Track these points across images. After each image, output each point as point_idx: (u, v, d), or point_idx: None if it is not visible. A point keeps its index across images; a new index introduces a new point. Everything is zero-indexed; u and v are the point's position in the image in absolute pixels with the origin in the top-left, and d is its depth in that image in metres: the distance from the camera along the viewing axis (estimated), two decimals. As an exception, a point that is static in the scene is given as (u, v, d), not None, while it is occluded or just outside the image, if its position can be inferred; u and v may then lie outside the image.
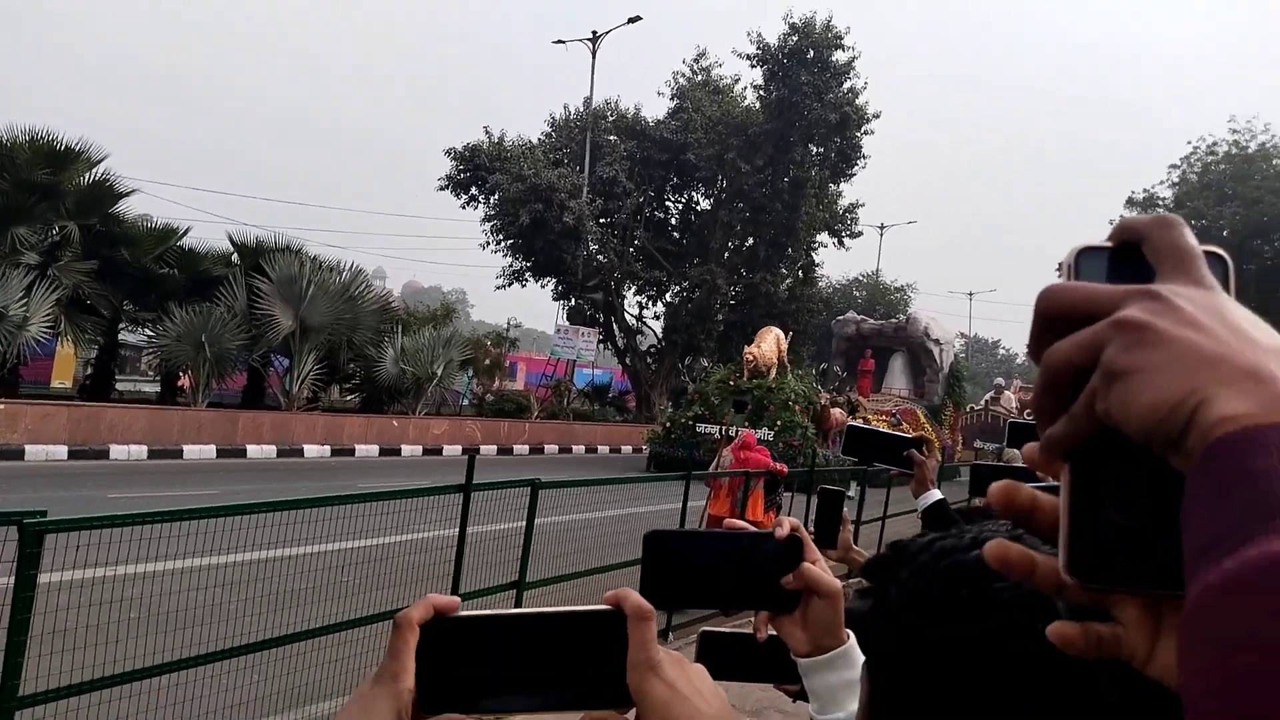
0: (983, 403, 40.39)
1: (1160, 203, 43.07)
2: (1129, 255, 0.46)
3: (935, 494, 2.93)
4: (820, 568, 1.03)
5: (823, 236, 38.96)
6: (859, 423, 4.44)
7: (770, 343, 24.97)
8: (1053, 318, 0.45)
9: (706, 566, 1.00)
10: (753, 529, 1.04)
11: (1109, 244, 0.47)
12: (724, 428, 22.43)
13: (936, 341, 32.62)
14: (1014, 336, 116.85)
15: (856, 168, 36.63)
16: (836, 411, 24.52)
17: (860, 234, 40.24)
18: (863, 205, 39.37)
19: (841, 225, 38.88)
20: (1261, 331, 0.42)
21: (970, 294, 72.96)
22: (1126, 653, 0.44)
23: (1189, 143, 44.01)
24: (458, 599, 0.67)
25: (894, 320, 36.26)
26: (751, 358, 24.51)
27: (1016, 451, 2.43)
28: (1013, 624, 0.78)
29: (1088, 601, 0.45)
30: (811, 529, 2.64)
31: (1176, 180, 43.25)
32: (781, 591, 1.01)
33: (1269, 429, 0.38)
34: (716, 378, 25.77)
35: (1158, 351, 0.41)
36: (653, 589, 0.99)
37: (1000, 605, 0.78)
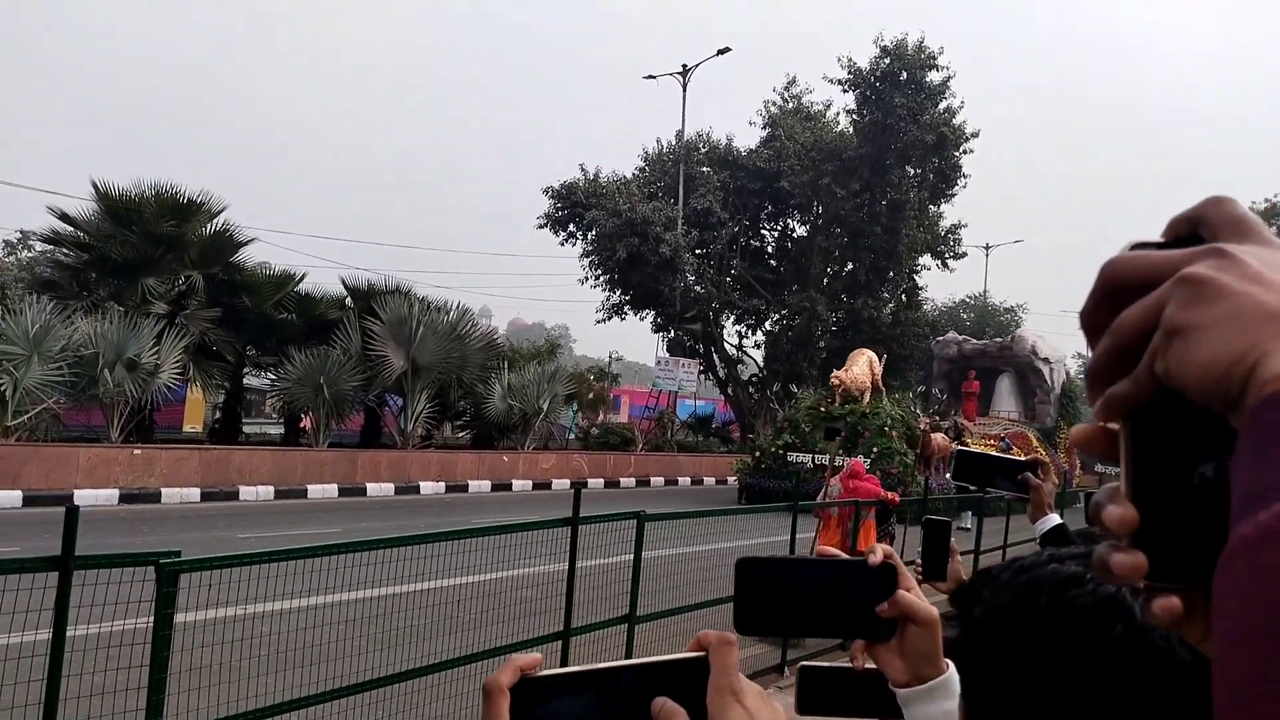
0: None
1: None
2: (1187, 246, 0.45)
3: (1054, 518, 2.82)
4: (916, 594, 1.03)
5: (925, 259, 38.16)
6: (968, 447, 4.34)
7: (862, 365, 23.78)
8: (1117, 287, 0.44)
9: (800, 594, 0.99)
10: (845, 556, 1.04)
11: (1163, 239, 0.46)
12: (817, 456, 21.71)
13: (1046, 360, 31.23)
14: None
15: (957, 188, 35.90)
16: (938, 437, 23.24)
17: (964, 255, 39.21)
18: (965, 225, 38.45)
19: (944, 246, 38.01)
20: None
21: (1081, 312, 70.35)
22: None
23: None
24: (539, 656, 0.68)
25: (998, 340, 34.95)
26: (839, 381, 23.25)
27: None
28: (1089, 631, 0.79)
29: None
30: (919, 561, 2.59)
31: None
32: (878, 620, 1.00)
33: None
34: (807, 404, 24.81)
35: (1218, 306, 0.39)
36: (746, 617, 0.99)
37: (1076, 613, 0.79)
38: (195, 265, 21.22)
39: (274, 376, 23.00)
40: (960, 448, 3.23)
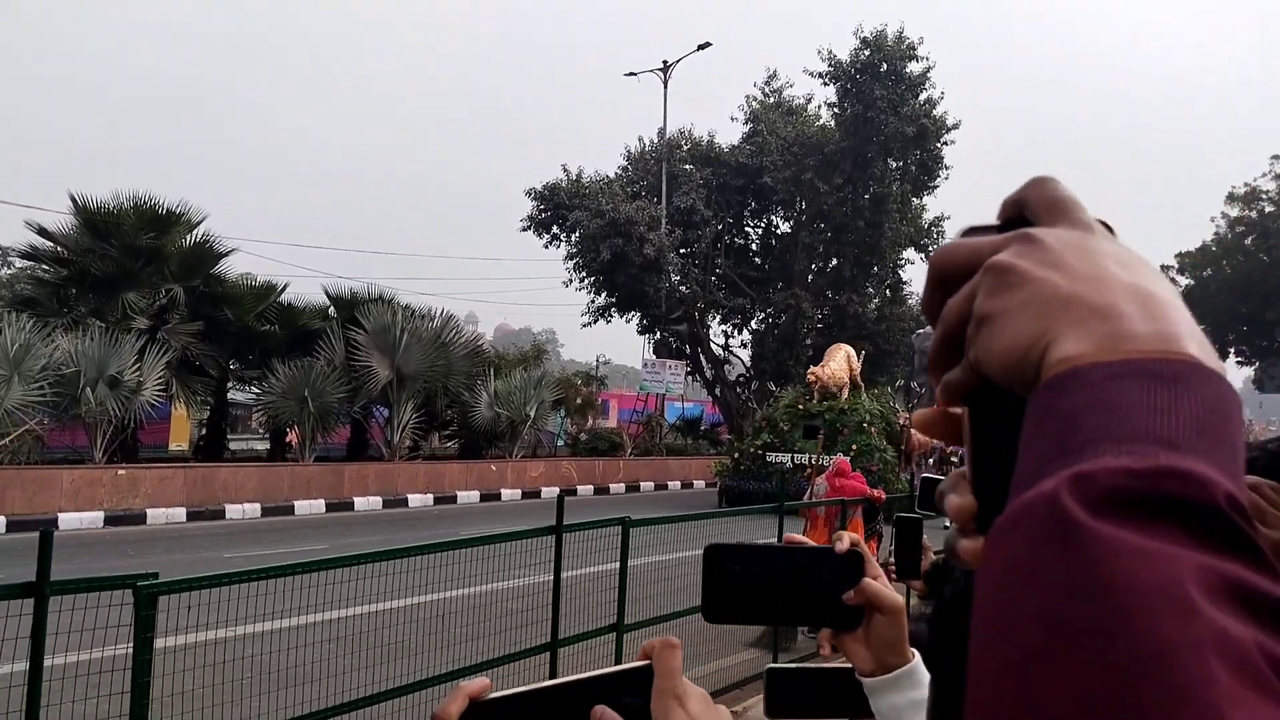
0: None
1: (1264, 195, 41.24)
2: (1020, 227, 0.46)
3: None
4: (882, 583, 1.02)
5: (909, 253, 38.18)
6: (933, 475, 4.31)
7: (839, 361, 23.27)
8: (945, 276, 0.45)
9: (767, 582, 1.00)
10: (812, 544, 1.04)
11: (996, 222, 0.47)
12: (796, 455, 21.54)
13: None
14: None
15: (939, 180, 35.97)
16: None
17: (949, 249, 39.46)
18: (949, 218, 38.58)
19: (928, 239, 38.05)
20: (1127, 269, 0.41)
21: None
22: None
23: (1291, 132, 42.03)
24: (487, 680, 0.68)
25: None
26: (815, 378, 22.78)
27: None
28: None
29: None
30: (893, 561, 2.57)
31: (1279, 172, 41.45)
32: (844, 608, 1.01)
33: (1095, 366, 0.38)
34: (785, 402, 24.29)
35: (1018, 293, 0.41)
36: (714, 604, 1.00)
37: None
38: (176, 278, 21.00)
39: (258, 390, 22.79)
40: (926, 475, 3.21)
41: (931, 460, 23.05)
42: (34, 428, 17.16)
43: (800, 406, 22.93)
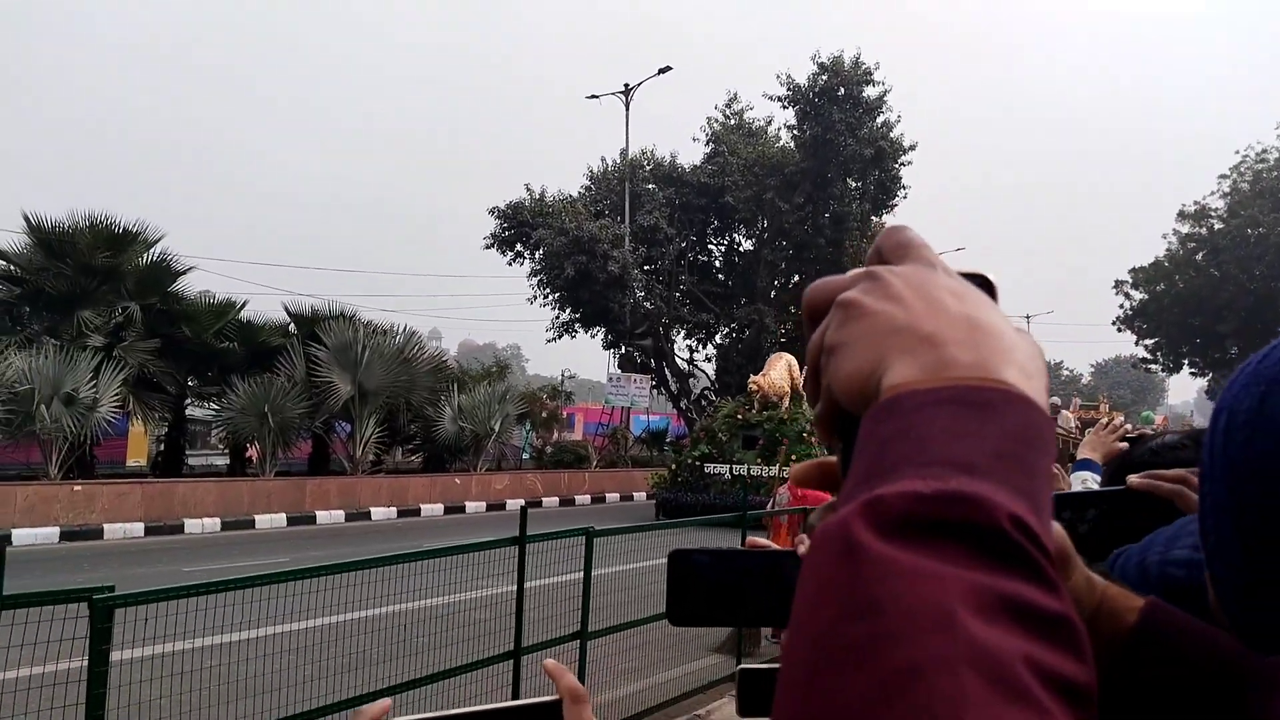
0: (1038, 425, 39.13)
1: (1213, 213, 42.22)
2: None
3: None
4: None
5: (869, 269, 38.80)
6: None
7: (780, 370, 22.65)
8: (811, 312, 0.49)
9: (732, 585, 1.00)
10: (776, 547, 1.05)
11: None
12: (734, 467, 21.44)
13: None
14: (1076, 357, 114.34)
15: (897, 199, 36.46)
16: None
17: (908, 264, 40.00)
18: None
19: (889, 256, 38.70)
20: (960, 300, 0.43)
21: (1027, 317, 71.66)
22: None
23: (1237, 152, 43.14)
24: (388, 702, 0.69)
25: None
26: (756, 387, 22.16)
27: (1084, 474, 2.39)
28: None
29: None
30: None
31: (1228, 190, 42.44)
32: None
33: (911, 394, 0.39)
34: (724, 412, 23.54)
35: (860, 325, 0.43)
36: (678, 607, 1.00)
37: None
38: (132, 296, 20.77)
39: (217, 407, 22.54)
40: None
41: None
42: (-14, 444, 16.85)
43: (739, 416, 22.46)
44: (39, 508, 15.93)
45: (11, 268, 20.16)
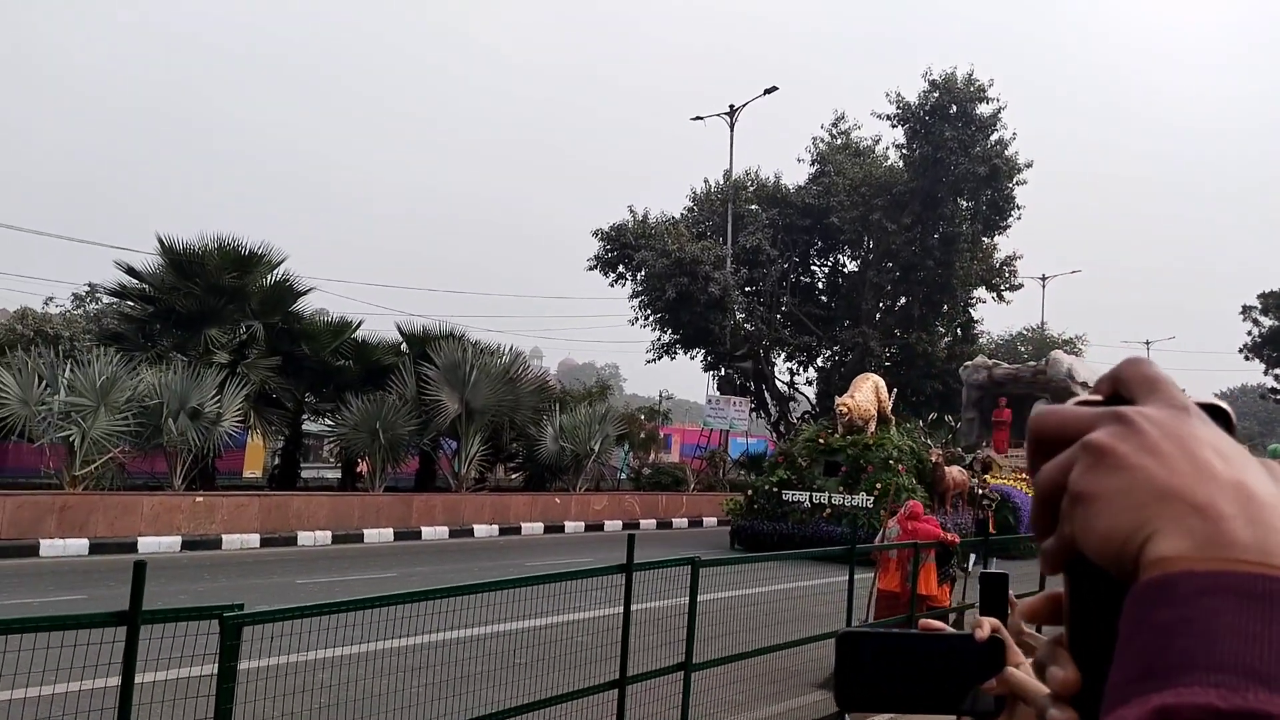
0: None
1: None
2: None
3: None
4: (1025, 671, 1.01)
5: (980, 291, 37.54)
6: (993, 571, 4.06)
7: (867, 391, 21.37)
8: (1041, 440, 0.46)
9: (903, 668, 0.97)
10: (952, 630, 1.01)
11: (1098, 396, 0.48)
12: (815, 494, 20.22)
13: (1084, 384, 27.50)
14: (1197, 385, 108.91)
15: (1011, 219, 35.35)
16: (954, 470, 20.89)
17: (1020, 286, 38.47)
18: (1020, 257, 37.91)
19: (999, 279, 37.38)
20: (1226, 461, 0.41)
21: (1147, 343, 68.23)
22: None
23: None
24: None
25: (1032, 364, 32.29)
26: (845, 410, 20.71)
27: None
28: None
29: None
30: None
31: None
32: (984, 697, 0.97)
33: (1191, 576, 0.37)
34: (805, 436, 22.29)
35: (1115, 478, 0.41)
36: (848, 691, 0.96)
37: None
38: (256, 315, 21.78)
39: (331, 422, 23.41)
40: (986, 572, 3.01)
41: (965, 499, 21.84)
42: (118, 455, 17.78)
43: (821, 440, 21.22)
44: (163, 517, 16.70)
45: (145, 287, 21.37)
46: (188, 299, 20.69)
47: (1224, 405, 0.47)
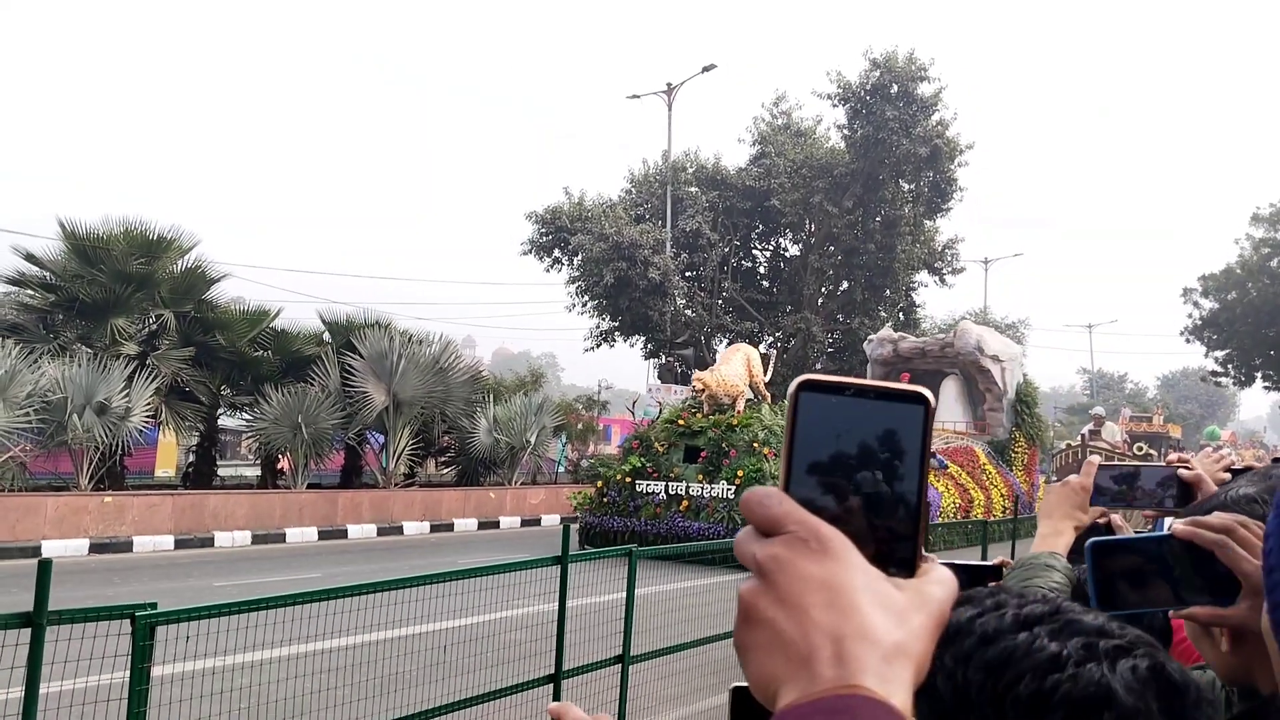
0: (1079, 437, 34.02)
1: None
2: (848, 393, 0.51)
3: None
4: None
5: (922, 275, 37.67)
6: None
7: (735, 364, 18.59)
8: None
9: (1157, 565, 1.06)
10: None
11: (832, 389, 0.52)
12: (672, 485, 17.61)
13: (995, 358, 25.78)
14: (1141, 369, 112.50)
15: (952, 201, 35.51)
16: None
17: (963, 270, 38.53)
18: (963, 240, 38.11)
19: (941, 262, 37.50)
20: (829, 607, 0.47)
21: (1089, 326, 69.36)
22: None
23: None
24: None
25: (940, 336, 29.78)
26: (701, 384, 18.09)
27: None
28: None
29: None
30: None
31: None
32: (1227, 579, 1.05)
33: (790, 710, 0.44)
34: (664, 417, 19.46)
35: (755, 633, 0.48)
36: (1106, 594, 1.06)
37: (1059, 701, 0.73)
38: (166, 304, 20.69)
39: (250, 417, 22.46)
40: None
41: None
42: (18, 454, 16.89)
43: (681, 422, 18.38)
44: (69, 519, 15.87)
45: (46, 274, 20.14)
46: (92, 286, 19.53)
47: (922, 390, 0.50)
